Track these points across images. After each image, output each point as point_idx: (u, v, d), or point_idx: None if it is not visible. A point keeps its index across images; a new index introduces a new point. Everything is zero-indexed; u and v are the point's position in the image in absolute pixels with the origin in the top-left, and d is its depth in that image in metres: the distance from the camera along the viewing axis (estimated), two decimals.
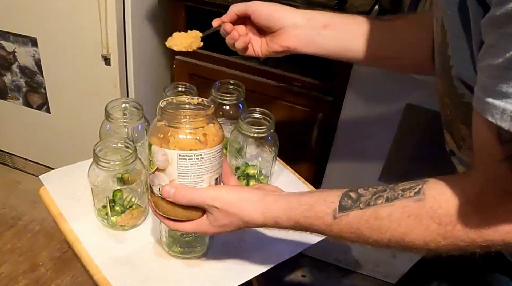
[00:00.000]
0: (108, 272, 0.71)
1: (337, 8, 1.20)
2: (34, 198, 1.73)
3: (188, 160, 0.56)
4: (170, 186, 0.58)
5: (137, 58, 1.45)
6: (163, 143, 0.56)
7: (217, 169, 0.59)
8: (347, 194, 0.52)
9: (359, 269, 1.62)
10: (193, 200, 0.58)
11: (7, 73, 1.59)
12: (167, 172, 0.57)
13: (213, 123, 0.58)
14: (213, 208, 0.58)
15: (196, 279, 0.73)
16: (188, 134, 0.55)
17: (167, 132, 0.56)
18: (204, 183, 0.58)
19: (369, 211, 0.50)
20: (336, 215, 0.52)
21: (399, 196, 0.49)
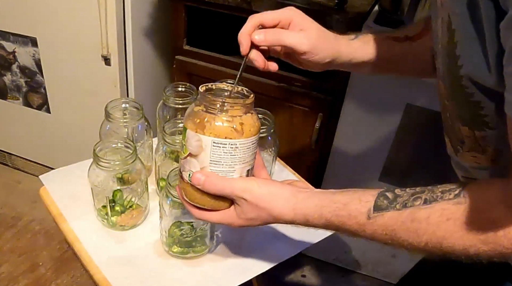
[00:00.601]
0: (108, 272, 0.71)
1: (337, 8, 1.20)
2: (34, 198, 1.74)
3: (222, 148, 0.54)
4: (201, 173, 0.56)
5: (137, 58, 1.45)
6: (198, 129, 0.54)
7: (250, 160, 0.57)
8: (383, 194, 0.50)
9: (359, 269, 1.62)
10: (223, 190, 0.56)
11: (7, 73, 1.59)
12: (199, 158, 0.55)
13: (251, 113, 0.56)
14: (242, 200, 0.56)
15: (196, 279, 0.73)
16: (224, 122, 0.54)
17: (204, 117, 0.54)
18: (235, 174, 0.56)
19: (406, 212, 0.48)
20: (370, 215, 0.50)
21: (438, 198, 0.47)
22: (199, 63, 1.46)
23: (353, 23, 1.18)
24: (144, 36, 1.47)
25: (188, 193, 0.59)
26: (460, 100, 0.49)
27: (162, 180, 0.84)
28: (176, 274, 0.73)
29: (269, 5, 1.24)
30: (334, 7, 1.20)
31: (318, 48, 0.63)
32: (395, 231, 0.48)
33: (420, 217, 0.47)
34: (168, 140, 0.78)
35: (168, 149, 0.81)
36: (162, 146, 0.81)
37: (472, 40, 0.43)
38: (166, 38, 1.53)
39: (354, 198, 0.52)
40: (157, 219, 0.76)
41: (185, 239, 0.74)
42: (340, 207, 0.52)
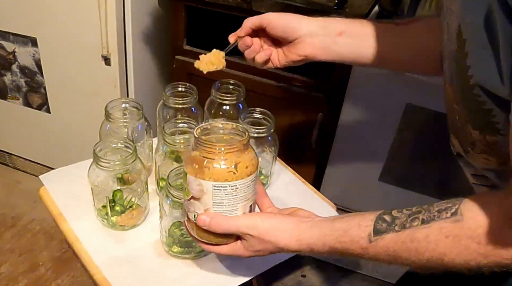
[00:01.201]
0: (108, 272, 0.71)
1: (336, 8, 1.20)
2: (34, 198, 1.74)
3: (223, 190, 0.56)
4: (205, 215, 0.59)
5: (137, 58, 1.45)
6: (198, 174, 0.56)
7: (251, 196, 0.60)
8: (381, 217, 0.52)
9: (359, 269, 1.62)
10: (229, 229, 0.59)
11: (7, 73, 1.59)
12: (202, 201, 0.58)
13: (247, 151, 0.58)
14: (248, 236, 0.59)
15: (196, 279, 0.73)
16: (222, 165, 0.55)
17: (202, 162, 0.56)
18: (238, 211, 0.59)
19: (405, 233, 0.49)
20: (371, 239, 0.52)
21: (435, 218, 0.48)
22: None
23: None
24: (144, 36, 1.47)
25: (196, 231, 0.62)
26: (472, 107, 0.49)
27: (162, 180, 0.84)
28: (176, 274, 0.73)
29: (269, 5, 1.24)
30: (334, 7, 1.20)
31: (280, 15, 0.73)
32: (396, 251, 0.50)
33: (419, 237, 0.48)
34: (168, 140, 0.78)
35: (168, 149, 0.81)
36: (162, 146, 0.81)
37: (484, 51, 0.43)
38: (166, 38, 1.53)
39: (354, 224, 0.54)
40: (157, 219, 0.76)
41: (185, 239, 0.74)
42: (342, 234, 0.54)
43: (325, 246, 0.56)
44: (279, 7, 1.23)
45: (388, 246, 0.51)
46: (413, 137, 1.27)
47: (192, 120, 0.83)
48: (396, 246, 0.50)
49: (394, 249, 0.50)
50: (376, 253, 0.52)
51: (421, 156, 1.29)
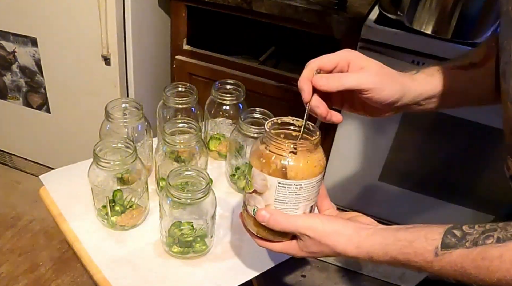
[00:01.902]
0: (108, 272, 0.71)
1: (337, 8, 1.20)
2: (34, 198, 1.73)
3: (287, 188, 0.55)
4: (266, 211, 0.58)
5: (137, 58, 1.45)
6: (264, 168, 0.55)
7: (314, 197, 0.59)
8: (451, 231, 0.50)
9: (359, 269, 1.62)
10: (288, 228, 0.58)
11: (7, 73, 1.59)
12: (264, 196, 0.57)
13: (316, 151, 0.56)
14: (305, 236, 0.58)
15: (196, 279, 0.73)
16: (290, 162, 0.54)
17: (270, 157, 0.55)
18: (299, 210, 0.58)
19: (477, 250, 0.48)
20: (438, 252, 0.50)
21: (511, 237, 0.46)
22: (199, 63, 1.46)
23: (353, 23, 1.18)
24: (144, 36, 1.47)
25: (252, 225, 0.61)
26: None
27: (162, 180, 0.84)
28: (176, 274, 0.73)
29: (269, 5, 1.24)
30: (334, 7, 1.20)
31: (382, 83, 0.61)
32: (464, 268, 0.49)
33: (492, 255, 0.47)
34: (168, 140, 0.78)
35: (168, 149, 0.81)
36: (162, 146, 0.81)
37: None
38: (166, 38, 1.53)
39: (420, 236, 0.52)
40: (157, 219, 0.76)
41: (185, 239, 0.74)
42: (406, 245, 0.52)
43: (386, 255, 0.54)
44: (278, 7, 1.23)
45: (456, 262, 0.49)
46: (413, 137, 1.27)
47: (192, 120, 0.83)
48: (465, 263, 0.48)
49: (462, 265, 0.49)
50: (441, 267, 0.50)
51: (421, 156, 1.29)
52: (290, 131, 0.59)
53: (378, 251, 0.55)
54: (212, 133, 0.98)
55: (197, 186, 0.72)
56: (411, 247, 0.52)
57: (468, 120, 1.15)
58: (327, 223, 0.57)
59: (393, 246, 0.53)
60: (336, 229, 0.57)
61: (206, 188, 0.69)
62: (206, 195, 0.70)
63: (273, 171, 0.54)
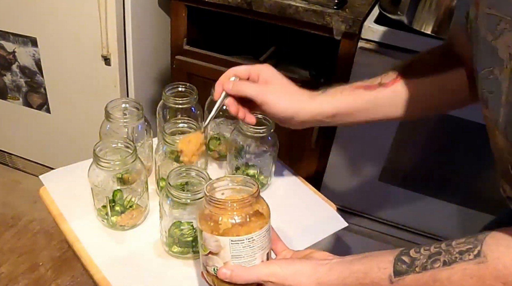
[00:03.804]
0: (108, 272, 0.71)
1: (337, 8, 1.20)
2: (34, 198, 1.74)
3: (240, 244, 0.58)
4: (226, 268, 0.60)
5: (137, 58, 1.45)
6: (214, 230, 0.57)
7: (268, 244, 0.61)
8: (400, 258, 0.53)
9: None
10: (251, 279, 0.60)
11: (7, 73, 1.59)
12: (221, 255, 0.59)
13: (259, 202, 0.59)
14: (269, 283, 0.60)
15: (196, 279, 0.73)
16: (237, 220, 0.57)
17: (217, 219, 0.57)
18: (257, 260, 0.60)
19: (427, 274, 0.50)
20: (392, 280, 0.52)
21: (457, 260, 0.48)
22: (199, 63, 1.46)
23: (353, 23, 1.18)
24: (144, 36, 1.47)
25: (217, 283, 0.62)
26: None
27: (162, 180, 0.84)
28: (176, 274, 0.73)
29: (269, 5, 1.24)
30: (334, 7, 1.20)
31: (276, 100, 0.70)
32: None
33: (442, 278, 0.48)
34: (168, 140, 0.78)
35: (168, 149, 0.81)
36: (162, 146, 0.81)
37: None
38: (166, 38, 1.53)
39: (373, 266, 0.55)
40: (157, 219, 0.76)
41: (185, 239, 0.74)
42: (362, 276, 0.55)
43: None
44: (278, 7, 1.23)
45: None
46: (413, 137, 1.27)
47: (192, 120, 0.83)
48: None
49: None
50: None
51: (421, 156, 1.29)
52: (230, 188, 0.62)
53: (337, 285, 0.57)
54: (212, 133, 0.98)
55: (197, 186, 0.72)
56: (367, 278, 0.54)
57: (468, 120, 1.15)
58: (286, 266, 0.60)
59: (350, 278, 0.56)
60: (295, 270, 0.59)
61: None
62: None
63: (223, 231, 0.57)
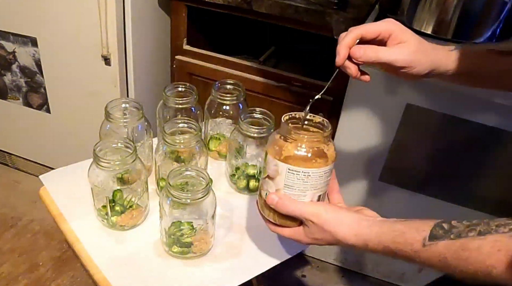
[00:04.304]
0: (108, 272, 0.71)
1: (337, 8, 1.20)
2: (34, 198, 1.74)
3: (295, 174, 0.59)
4: (275, 194, 0.62)
5: (137, 58, 1.45)
6: (276, 155, 0.60)
7: (322, 187, 0.62)
8: (440, 224, 0.53)
9: (359, 269, 1.62)
10: (293, 212, 0.62)
11: (7, 73, 1.59)
12: (276, 181, 0.61)
13: (327, 144, 0.60)
14: (310, 222, 0.61)
15: (196, 279, 0.73)
16: (300, 151, 0.59)
17: (282, 145, 0.60)
18: (306, 198, 0.62)
19: (460, 242, 0.50)
20: (425, 243, 0.53)
21: (492, 231, 0.49)
22: (199, 63, 1.46)
23: (353, 23, 1.18)
24: (144, 36, 1.47)
25: (264, 210, 0.66)
26: None
27: (162, 180, 0.84)
28: (176, 274, 0.73)
29: (269, 5, 1.24)
30: (334, 7, 1.20)
31: (415, 61, 0.64)
32: (446, 258, 0.51)
33: (472, 247, 0.49)
34: (168, 140, 0.78)
35: (168, 149, 0.81)
36: (162, 146, 0.81)
37: None
38: (166, 38, 1.53)
39: (412, 228, 0.55)
40: (157, 219, 0.76)
41: (185, 239, 0.74)
42: (398, 235, 0.56)
43: (380, 244, 0.57)
44: (278, 7, 1.23)
45: (440, 252, 0.52)
46: (413, 137, 1.27)
47: (192, 120, 0.83)
48: (448, 254, 0.51)
49: (445, 256, 0.51)
50: (427, 258, 0.53)
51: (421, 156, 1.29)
52: (306, 125, 0.64)
53: (373, 240, 0.58)
54: (212, 133, 0.98)
55: (197, 186, 0.72)
56: (403, 237, 0.55)
57: (468, 120, 1.15)
58: (331, 211, 0.61)
59: (387, 236, 0.57)
60: (338, 218, 0.60)
61: (206, 188, 0.69)
62: (206, 195, 0.70)
63: (284, 158, 0.59)
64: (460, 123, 1.17)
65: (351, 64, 0.65)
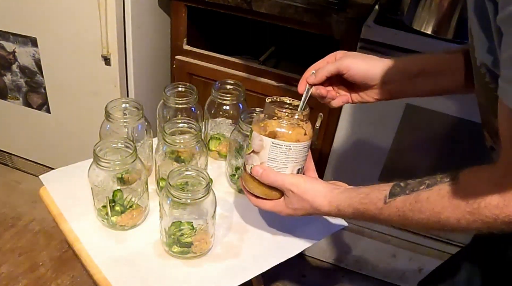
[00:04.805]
0: (108, 272, 0.71)
1: (337, 8, 1.20)
2: (34, 198, 1.74)
3: (278, 148, 0.67)
4: (260, 167, 0.69)
5: (137, 58, 1.45)
6: (261, 131, 0.67)
7: (301, 161, 0.70)
8: (397, 183, 0.61)
9: (359, 269, 1.62)
10: (276, 181, 0.68)
11: (7, 73, 1.59)
12: (260, 155, 0.68)
13: (305, 122, 0.68)
14: (290, 192, 0.68)
15: (196, 279, 0.73)
16: (282, 128, 0.67)
17: (267, 123, 0.68)
18: (287, 170, 0.69)
19: (413, 195, 0.57)
20: (386, 200, 0.60)
21: (437, 182, 0.56)
22: (199, 63, 1.46)
23: (353, 23, 1.18)
24: (144, 36, 1.47)
25: (248, 183, 0.72)
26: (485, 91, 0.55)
27: (162, 180, 0.84)
28: (176, 274, 0.73)
29: (269, 5, 1.24)
30: (334, 7, 1.20)
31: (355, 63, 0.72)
32: (404, 212, 0.58)
33: (422, 198, 0.56)
34: (168, 140, 0.78)
35: (168, 149, 0.81)
36: (162, 146, 0.81)
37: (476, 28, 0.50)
38: (166, 38, 1.53)
39: (375, 189, 0.63)
40: (157, 219, 0.76)
41: (185, 239, 0.74)
42: (364, 196, 0.63)
43: (350, 207, 0.64)
44: (278, 7, 1.23)
45: (398, 207, 0.59)
46: (413, 137, 1.27)
47: (192, 120, 0.83)
48: (405, 207, 0.58)
49: (403, 210, 0.58)
50: (389, 213, 0.60)
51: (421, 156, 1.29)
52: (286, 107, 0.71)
53: (344, 204, 0.65)
54: (212, 133, 0.98)
55: (197, 186, 0.72)
56: (368, 198, 0.63)
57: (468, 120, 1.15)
58: (309, 182, 0.69)
59: (355, 198, 0.64)
60: (315, 188, 0.68)
61: (206, 188, 0.69)
62: (206, 195, 0.70)
63: (269, 133, 0.67)
64: (460, 123, 1.17)
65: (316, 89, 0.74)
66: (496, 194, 0.49)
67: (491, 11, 0.45)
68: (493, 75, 0.51)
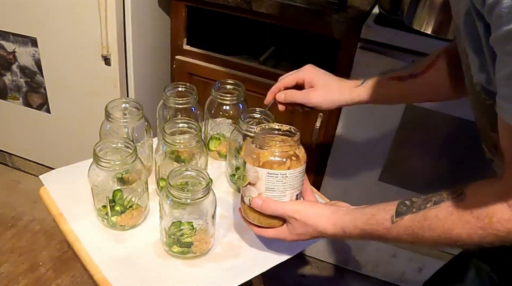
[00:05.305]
0: (108, 272, 0.71)
1: (337, 8, 1.20)
2: (34, 198, 1.74)
3: (274, 177, 0.67)
4: (258, 198, 0.68)
5: (137, 58, 1.45)
6: (255, 162, 0.67)
7: (298, 186, 0.69)
8: (403, 202, 0.61)
9: (359, 269, 1.62)
10: (277, 210, 0.68)
11: (7, 73, 1.59)
12: (257, 186, 0.68)
13: (298, 148, 0.68)
14: (292, 219, 0.68)
15: (196, 279, 0.73)
16: (276, 157, 0.66)
17: (259, 153, 0.67)
18: (286, 198, 0.69)
19: (420, 213, 0.58)
20: (393, 220, 0.60)
21: (444, 199, 0.56)
22: (199, 63, 1.46)
23: (353, 23, 1.18)
24: (144, 36, 1.47)
25: (249, 214, 0.72)
26: (482, 107, 0.56)
27: (162, 180, 0.84)
28: (176, 274, 0.73)
29: (269, 5, 1.24)
30: (334, 7, 1.20)
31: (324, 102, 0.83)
32: (414, 230, 0.58)
33: (431, 215, 0.56)
34: (168, 140, 0.78)
35: (168, 149, 0.81)
36: (162, 146, 0.81)
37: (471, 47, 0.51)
38: (166, 38, 1.53)
39: (380, 209, 0.63)
40: (157, 219, 0.76)
41: (185, 239, 0.74)
42: (370, 217, 0.63)
43: (356, 228, 0.64)
44: (278, 7, 1.23)
45: (407, 226, 0.59)
46: (413, 137, 1.27)
47: (192, 120, 0.83)
48: (413, 225, 0.58)
49: (412, 228, 0.58)
50: (397, 232, 0.60)
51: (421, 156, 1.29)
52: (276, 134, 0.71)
53: (349, 225, 0.65)
54: (212, 133, 0.98)
55: (197, 186, 0.72)
56: (374, 218, 0.62)
57: (469, 120, 1.15)
58: (310, 207, 0.69)
59: (360, 220, 0.64)
60: (317, 212, 0.68)
61: (206, 188, 0.69)
62: (206, 195, 0.70)
63: (263, 164, 0.66)
64: (460, 123, 1.17)
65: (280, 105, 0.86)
66: (506, 209, 0.50)
67: (481, 30, 0.46)
68: (488, 92, 0.52)
